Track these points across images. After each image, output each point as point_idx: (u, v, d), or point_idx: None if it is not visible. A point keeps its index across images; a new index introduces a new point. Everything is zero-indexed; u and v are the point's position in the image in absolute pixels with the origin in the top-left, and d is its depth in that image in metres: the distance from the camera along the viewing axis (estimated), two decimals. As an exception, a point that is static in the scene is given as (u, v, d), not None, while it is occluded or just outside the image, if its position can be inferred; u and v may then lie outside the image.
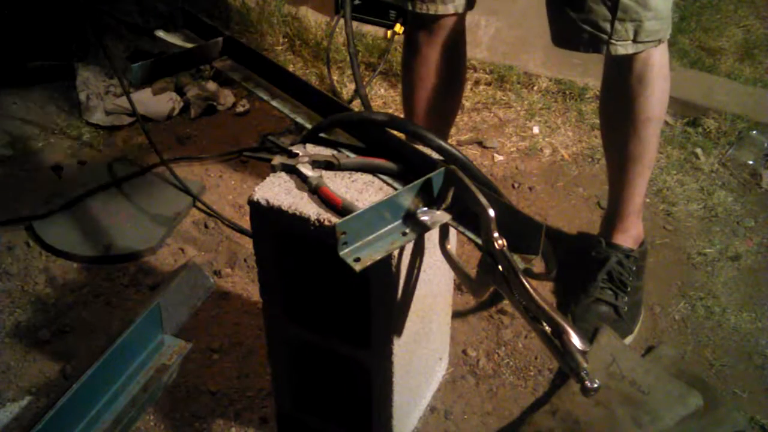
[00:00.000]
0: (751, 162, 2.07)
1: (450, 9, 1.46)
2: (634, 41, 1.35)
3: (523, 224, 0.92)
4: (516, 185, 2.03)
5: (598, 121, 2.24)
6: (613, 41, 1.34)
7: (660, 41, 1.38)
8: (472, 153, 2.15)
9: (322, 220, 0.99)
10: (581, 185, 2.03)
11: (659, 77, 1.44)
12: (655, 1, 1.31)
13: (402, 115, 1.75)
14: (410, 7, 1.46)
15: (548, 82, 2.39)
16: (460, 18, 1.52)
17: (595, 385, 0.81)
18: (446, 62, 1.58)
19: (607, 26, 1.33)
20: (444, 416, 1.42)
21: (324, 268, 1.10)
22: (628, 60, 1.40)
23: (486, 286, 0.94)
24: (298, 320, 1.20)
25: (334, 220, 0.98)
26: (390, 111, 2.32)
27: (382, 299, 1.06)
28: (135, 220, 1.87)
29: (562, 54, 1.50)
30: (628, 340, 1.56)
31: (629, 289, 1.59)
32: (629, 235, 1.63)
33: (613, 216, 1.64)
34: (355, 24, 2.47)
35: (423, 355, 1.31)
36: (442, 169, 0.97)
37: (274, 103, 1.21)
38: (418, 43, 1.57)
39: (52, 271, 1.74)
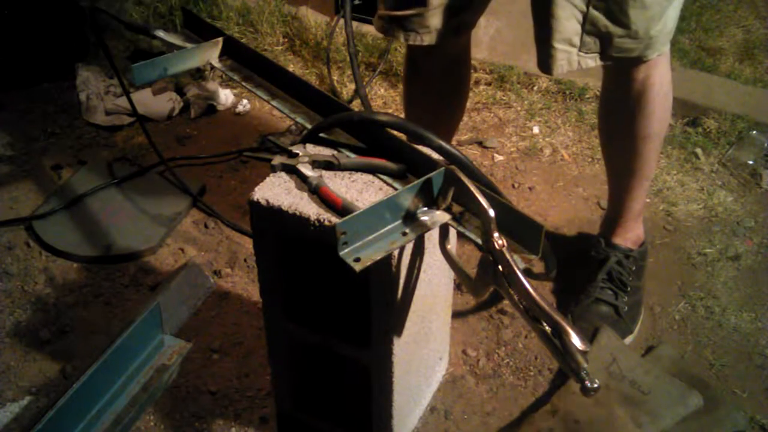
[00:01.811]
0: (751, 162, 2.07)
1: (443, 39, 1.40)
2: (603, 55, 1.31)
3: (523, 224, 0.92)
4: (516, 185, 2.03)
5: (598, 121, 2.25)
6: (581, 53, 1.30)
7: (640, 59, 1.33)
8: (472, 153, 2.15)
9: (322, 220, 0.99)
10: (581, 185, 2.03)
11: (660, 95, 1.42)
12: (628, 20, 1.26)
13: (404, 115, 1.74)
14: (402, 40, 1.41)
15: (548, 82, 2.39)
16: (459, 39, 1.48)
17: (595, 385, 0.80)
18: (447, 79, 1.58)
19: (577, 39, 1.30)
20: (444, 416, 1.42)
21: (324, 268, 1.10)
22: (627, 78, 1.38)
23: (486, 286, 0.94)
24: (298, 320, 1.20)
25: (334, 220, 0.98)
26: (390, 111, 2.32)
27: (382, 299, 1.06)
28: (135, 220, 1.87)
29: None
30: (628, 340, 1.56)
31: (629, 289, 1.59)
32: (629, 237, 1.63)
33: (613, 220, 1.64)
34: (355, 24, 2.47)
35: (423, 355, 1.31)
36: (442, 169, 0.97)
37: (274, 103, 1.21)
38: (417, 62, 1.56)
39: (52, 271, 1.74)
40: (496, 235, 0.88)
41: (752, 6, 2.96)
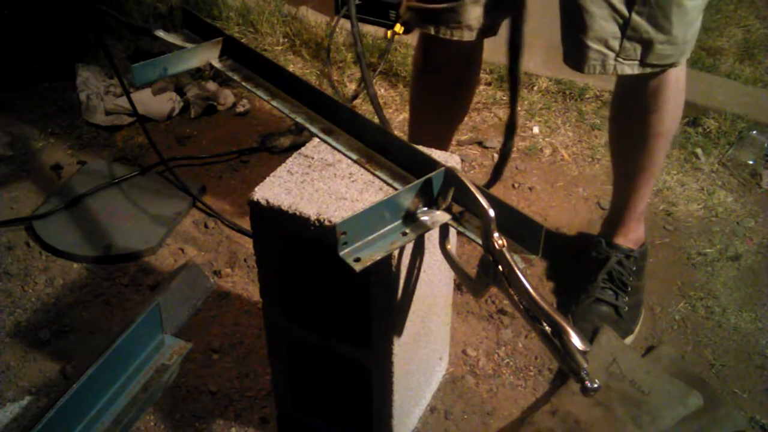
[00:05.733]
0: (751, 162, 2.07)
1: (473, 36, 1.41)
2: (642, 63, 1.29)
3: (523, 224, 0.92)
4: (516, 185, 2.03)
5: (598, 121, 2.25)
6: (620, 59, 1.29)
7: (672, 65, 1.32)
8: (472, 153, 2.15)
9: (322, 220, 0.99)
10: (581, 185, 2.03)
11: (675, 94, 1.41)
12: (670, 25, 1.25)
13: (404, 115, 1.74)
14: (433, 32, 1.40)
15: (548, 82, 2.39)
16: (479, 41, 1.48)
17: (595, 385, 0.80)
18: (459, 78, 1.58)
19: (616, 44, 1.27)
20: (444, 416, 1.42)
21: (324, 268, 1.10)
22: (646, 78, 1.36)
23: (486, 286, 0.94)
24: (298, 320, 1.20)
25: (334, 220, 0.98)
26: (389, 110, 2.32)
27: (382, 299, 1.06)
28: (135, 220, 1.87)
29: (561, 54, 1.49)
30: (629, 340, 1.56)
31: (629, 289, 1.59)
32: (631, 237, 1.63)
33: (615, 220, 1.64)
34: (355, 24, 2.47)
35: (423, 355, 1.31)
36: (442, 169, 0.97)
37: (274, 103, 1.21)
38: (429, 54, 1.56)
39: (52, 271, 1.74)
40: (496, 235, 0.88)
41: (752, 6, 2.96)
